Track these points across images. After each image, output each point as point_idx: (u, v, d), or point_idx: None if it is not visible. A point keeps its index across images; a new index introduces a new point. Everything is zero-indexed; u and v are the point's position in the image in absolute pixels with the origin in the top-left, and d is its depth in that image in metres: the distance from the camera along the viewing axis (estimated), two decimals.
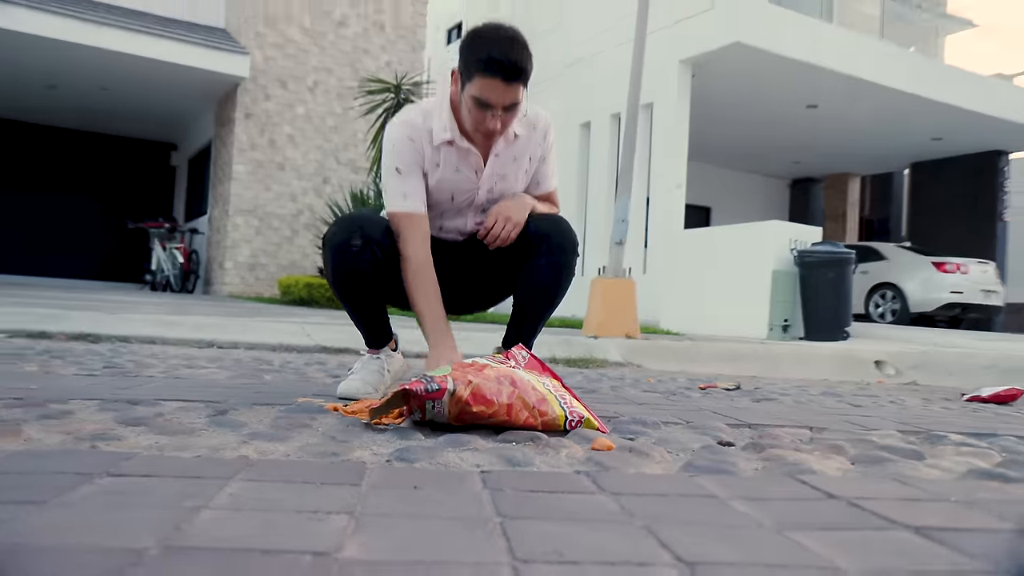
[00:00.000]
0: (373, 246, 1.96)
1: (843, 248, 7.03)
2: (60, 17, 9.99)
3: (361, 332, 2.19)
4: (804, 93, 10.75)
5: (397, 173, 2.03)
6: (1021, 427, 2.20)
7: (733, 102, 11.21)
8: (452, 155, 2.05)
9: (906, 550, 0.87)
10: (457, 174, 2.07)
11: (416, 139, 2.03)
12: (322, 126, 12.17)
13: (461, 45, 1.91)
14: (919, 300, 11.89)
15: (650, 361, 4.26)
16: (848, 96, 10.74)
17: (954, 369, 4.68)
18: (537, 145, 2.16)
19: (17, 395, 1.74)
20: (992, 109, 11.31)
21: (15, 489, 0.95)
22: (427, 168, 2.06)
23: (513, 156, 2.12)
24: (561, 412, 1.55)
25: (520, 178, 2.17)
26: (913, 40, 12.26)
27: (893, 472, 1.38)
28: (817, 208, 16.40)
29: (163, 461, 1.16)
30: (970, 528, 0.98)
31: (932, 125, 11.97)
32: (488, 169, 2.08)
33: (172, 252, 12.42)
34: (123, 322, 4.02)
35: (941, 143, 13.01)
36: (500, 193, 2.15)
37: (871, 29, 11.42)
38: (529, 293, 2.12)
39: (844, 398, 3.02)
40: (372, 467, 1.19)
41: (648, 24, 6.42)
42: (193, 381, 2.28)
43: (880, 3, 11.73)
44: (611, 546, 0.83)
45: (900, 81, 10.32)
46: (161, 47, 10.70)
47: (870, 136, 12.89)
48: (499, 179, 2.12)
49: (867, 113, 11.51)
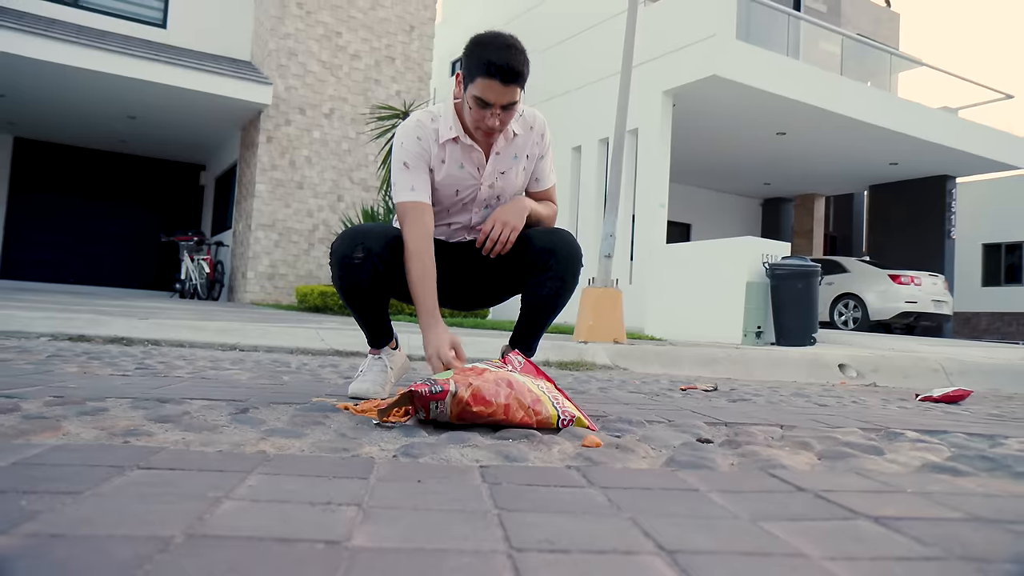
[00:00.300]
0: (373, 258, 1.95)
1: (810, 262, 7.04)
2: (130, 58, 10.35)
3: (364, 333, 2.19)
4: (774, 121, 10.78)
5: (405, 168, 2.03)
6: (968, 425, 2.20)
7: (711, 129, 11.24)
8: (456, 152, 2.05)
9: (866, 538, 0.87)
10: (461, 170, 2.06)
11: (423, 138, 2.04)
12: (337, 149, 12.18)
13: (465, 50, 1.92)
14: (878, 309, 11.92)
15: (635, 364, 4.25)
16: (814, 124, 10.78)
17: (909, 372, 4.68)
18: (535, 144, 2.15)
19: (58, 393, 1.73)
20: (940, 138, 11.36)
21: (53, 481, 0.94)
22: (433, 164, 2.05)
23: (513, 154, 2.11)
24: (554, 412, 1.54)
25: (519, 174, 2.15)
26: (870, 75, 12.30)
27: (855, 466, 1.37)
28: (786, 225, 16.44)
29: (189, 455, 1.16)
30: (923, 517, 0.98)
31: (888, 151, 12.01)
32: (489, 166, 2.08)
33: (200, 263, 12.40)
34: (154, 327, 4.01)
35: (897, 167, 13.05)
36: (501, 189, 2.13)
37: (833, 65, 11.45)
38: (537, 303, 2.09)
39: (811, 398, 3.01)
40: (380, 462, 1.19)
41: (634, 58, 6.45)
42: (217, 381, 2.27)
43: (840, 42, 11.76)
44: (599, 536, 0.83)
45: (859, 112, 10.36)
46: (195, 78, 10.77)
47: (833, 160, 12.93)
48: (500, 175, 2.11)
49: (830, 140, 11.55)
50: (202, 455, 1.17)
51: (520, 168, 2.14)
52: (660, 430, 1.69)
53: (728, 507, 0.99)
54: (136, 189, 15.13)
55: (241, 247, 11.97)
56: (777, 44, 10.56)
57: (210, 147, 14.49)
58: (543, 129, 2.17)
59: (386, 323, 2.19)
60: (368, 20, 12.33)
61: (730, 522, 0.92)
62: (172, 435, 1.33)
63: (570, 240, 2.08)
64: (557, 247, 2.04)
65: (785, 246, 7.48)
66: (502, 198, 2.14)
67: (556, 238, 2.06)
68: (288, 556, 0.70)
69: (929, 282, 11.87)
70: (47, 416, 1.42)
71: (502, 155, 2.09)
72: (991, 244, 18.61)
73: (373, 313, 2.11)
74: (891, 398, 3.35)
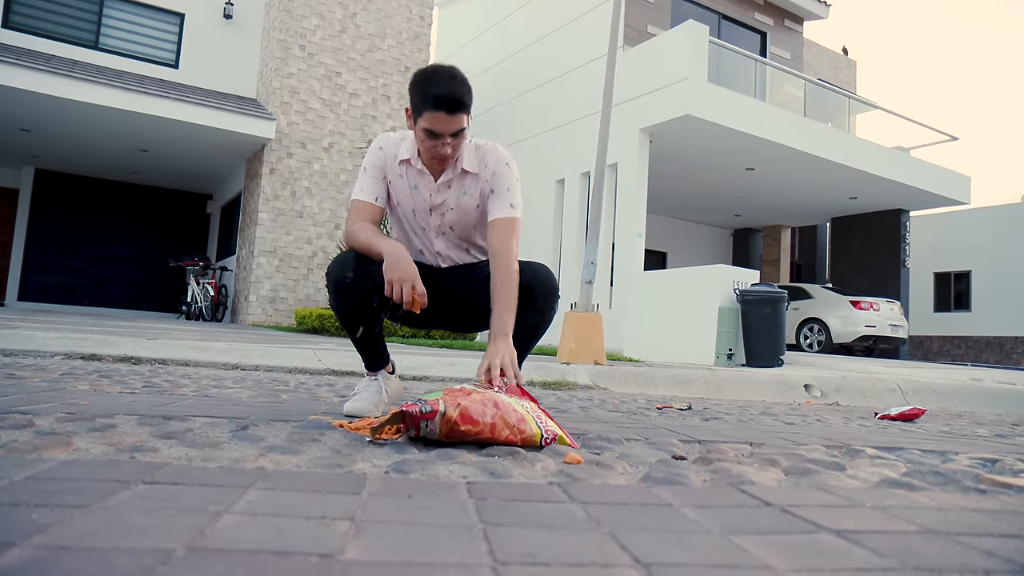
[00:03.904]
0: (365, 278, 1.95)
1: (777, 288, 7.09)
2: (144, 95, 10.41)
3: (361, 356, 2.17)
4: (744, 158, 10.92)
5: (364, 171, 2.08)
6: (922, 441, 2.21)
7: (685, 164, 11.36)
8: (411, 174, 2.05)
9: (828, 550, 0.87)
10: (414, 191, 2.06)
11: (385, 149, 2.07)
12: (335, 180, 12.19)
13: (410, 86, 1.91)
14: (840, 332, 12.01)
15: (614, 384, 4.24)
16: (780, 161, 10.93)
17: (868, 391, 4.71)
18: (485, 181, 2.06)
19: (70, 410, 1.71)
20: (894, 175, 11.54)
21: (63, 494, 0.93)
22: (391, 178, 2.08)
23: (464, 190, 2.05)
24: (538, 430, 1.54)
25: (472, 211, 2.08)
26: (830, 117, 12.51)
27: (819, 482, 1.37)
28: (755, 254, 16.58)
29: (191, 471, 1.14)
30: (881, 531, 0.98)
31: (848, 186, 12.18)
32: (437, 196, 2.05)
33: (205, 286, 12.32)
34: (161, 347, 3.97)
35: (856, 201, 13.23)
36: (453, 221, 2.08)
37: (797, 107, 11.64)
38: (520, 332, 2.06)
39: (779, 417, 3.02)
40: (372, 478, 1.18)
41: (613, 98, 6.52)
42: (220, 399, 2.25)
43: (803, 86, 11.96)
44: (579, 549, 0.82)
45: (821, 150, 10.51)
46: (204, 114, 10.82)
47: (798, 194, 13.09)
48: (450, 210, 2.06)
49: (795, 175, 11.70)
50: (204, 470, 1.15)
51: (473, 205, 2.07)
52: (637, 447, 1.69)
53: (700, 521, 0.99)
54: (146, 217, 15.08)
55: (244, 272, 11.92)
56: (745, 87, 10.73)
57: (216, 178, 14.48)
58: (498, 165, 2.06)
59: (381, 345, 2.17)
60: (366, 61, 12.43)
61: (702, 536, 0.91)
62: (176, 451, 1.32)
63: (549, 277, 2.10)
64: (538, 284, 2.05)
65: (754, 274, 7.54)
66: (455, 230, 2.10)
67: (538, 276, 2.06)
68: (284, 569, 0.69)
69: (886, 308, 11.99)
70: (59, 432, 1.40)
71: (452, 188, 2.05)
72: (941, 273, 18.83)
73: (367, 333, 2.08)
74: (852, 416, 3.37)
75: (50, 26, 11.44)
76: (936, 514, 1.11)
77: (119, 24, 11.97)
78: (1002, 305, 17.53)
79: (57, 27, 11.49)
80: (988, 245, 17.87)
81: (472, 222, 2.11)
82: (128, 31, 12.02)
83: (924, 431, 2.72)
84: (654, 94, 9.46)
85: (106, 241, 14.53)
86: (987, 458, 1.82)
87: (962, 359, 18.01)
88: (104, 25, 11.84)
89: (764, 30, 12.84)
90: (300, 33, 12.01)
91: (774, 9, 12.89)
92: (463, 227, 2.11)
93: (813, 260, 16.87)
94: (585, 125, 10.37)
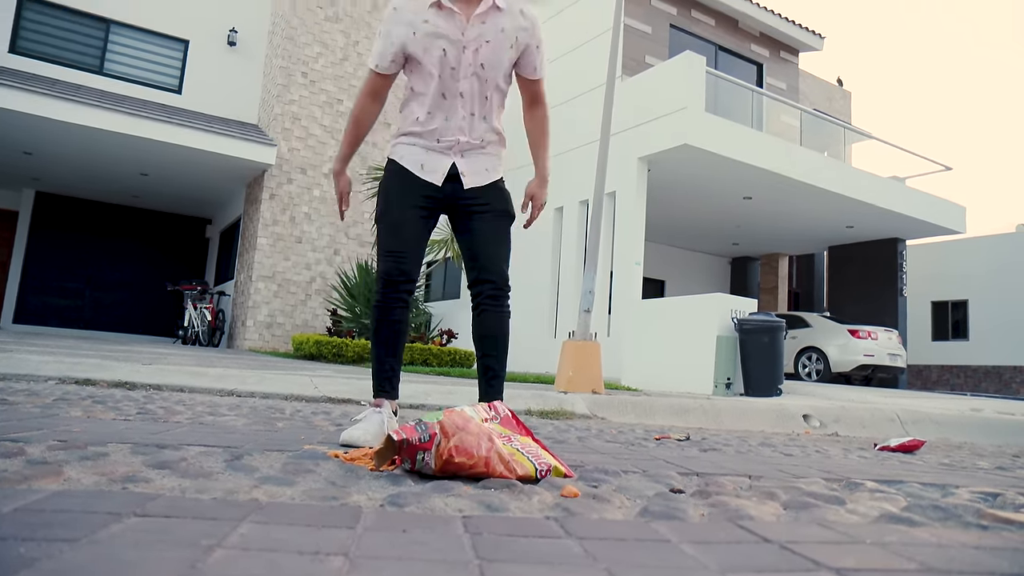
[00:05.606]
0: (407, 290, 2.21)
1: (775, 317, 7.09)
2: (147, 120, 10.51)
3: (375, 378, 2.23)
4: (741, 187, 10.99)
5: (377, 36, 2.20)
6: (922, 474, 2.20)
7: (683, 192, 11.43)
8: (439, 18, 2.12)
9: None
10: (443, 31, 2.12)
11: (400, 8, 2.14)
12: (335, 206, 12.25)
13: None
14: (838, 361, 11.98)
15: (612, 414, 4.22)
16: (777, 190, 11.00)
17: (867, 422, 4.69)
18: (523, 29, 2.18)
19: (62, 438, 1.69)
20: (890, 204, 11.62)
21: (52, 527, 0.92)
22: (418, 29, 2.12)
23: (500, 27, 2.14)
24: (531, 466, 1.52)
25: (506, 49, 2.17)
26: (826, 146, 12.62)
27: (818, 517, 1.36)
28: (753, 282, 16.61)
29: (184, 503, 1.13)
30: (881, 568, 0.97)
31: (844, 215, 12.25)
32: (472, 31, 2.13)
33: (202, 311, 12.31)
34: (157, 372, 3.95)
35: (853, 230, 13.29)
36: (485, 58, 2.15)
37: (793, 137, 11.75)
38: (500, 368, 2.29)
39: (777, 448, 3.00)
40: (367, 511, 1.16)
41: (612, 127, 6.58)
42: (214, 427, 2.23)
43: (799, 116, 12.09)
44: None
45: (818, 179, 10.60)
46: (206, 139, 10.92)
47: (795, 223, 13.16)
48: (484, 43, 2.14)
49: (792, 204, 11.77)
50: (196, 502, 1.14)
51: (507, 43, 2.17)
52: (635, 480, 1.68)
53: (698, 558, 0.98)
54: (145, 240, 15.10)
55: (242, 297, 11.91)
56: (742, 117, 10.84)
57: (216, 202, 14.54)
58: (534, 20, 2.20)
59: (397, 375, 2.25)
60: None
61: (700, 573, 0.90)
62: (169, 481, 1.30)
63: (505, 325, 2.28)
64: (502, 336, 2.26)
65: (752, 302, 7.54)
66: (487, 67, 2.17)
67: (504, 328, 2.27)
68: None
69: (885, 337, 11.98)
70: (50, 461, 1.39)
71: (487, 24, 2.14)
72: (939, 302, 18.88)
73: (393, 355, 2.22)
74: (851, 447, 3.35)
75: (56, 51, 11.58)
76: (937, 551, 1.10)
77: (124, 50, 12.12)
78: (1000, 334, 17.54)
79: (63, 52, 11.63)
80: (984, 274, 17.94)
81: (504, 61, 2.18)
82: (133, 57, 12.17)
83: (924, 463, 2.71)
84: (652, 123, 9.55)
85: (104, 264, 14.54)
86: (988, 492, 1.80)
87: (961, 388, 17.96)
88: (109, 51, 11.99)
89: (760, 61, 13.01)
90: (302, 60, 12.16)
91: (770, 41, 13.08)
92: (493, 65, 2.17)
93: (811, 288, 16.90)
94: (584, 153, 10.45)
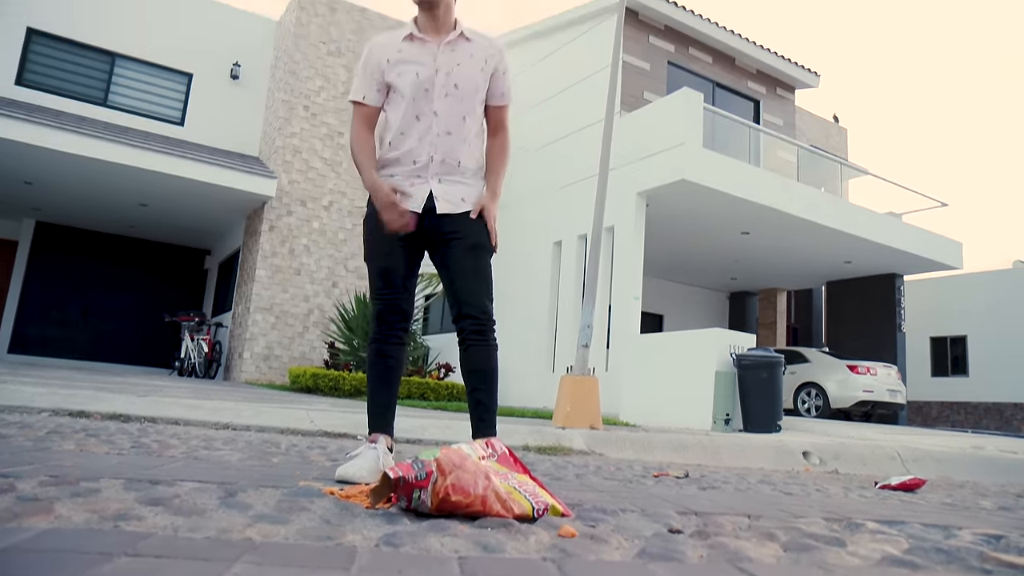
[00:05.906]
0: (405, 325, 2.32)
1: (774, 352, 7.08)
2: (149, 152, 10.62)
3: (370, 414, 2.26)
4: (739, 222, 11.06)
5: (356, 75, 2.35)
6: (924, 514, 2.17)
7: (681, 227, 11.49)
8: (412, 47, 2.28)
9: None
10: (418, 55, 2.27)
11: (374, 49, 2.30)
12: (334, 239, 12.31)
13: None
14: (838, 397, 11.93)
15: (610, 450, 4.18)
16: (774, 225, 11.07)
17: (867, 459, 4.65)
18: (492, 56, 2.33)
19: (54, 472, 1.68)
20: (887, 240, 11.68)
21: (41, 568, 0.90)
22: (391, 57, 2.27)
23: (469, 53, 2.30)
24: (528, 505, 1.51)
25: (477, 72, 2.31)
26: (823, 182, 12.75)
27: (818, 559, 1.34)
28: (752, 317, 16.61)
29: (176, 542, 1.12)
30: None
31: (842, 251, 12.31)
32: (443, 56, 2.27)
33: (199, 342, 12.26)
34: (152, 404, 3.92)
35: (851, 265, 13.35)
36: (458, 78, 2.27)
37: (790, 172, 11.86)
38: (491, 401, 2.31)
39: (777, 486, 2.97)
40: (362, 551, 1.15)
41: (610, 162, 6.65)
42: (209, 462, 2.21)
43: (796, 151, 12.23)
44: None
45: (815, 215, 10.67)
46: (207, 171, 11.01)
47: (793, 258, 13.22)
48: (456, 67, 2.27)
49: (790, 239, 11.84)
50: (189, 541, 1.13)
51: (477, 69, 2.31)
52: (633, 519, 1.66)
53: None
54: (143, 271, 15.11)
55: (239, 328, 11.89)
56: (740, 152, 10.96)
57: (215, 234, 14.59)
58: (501, 49, 2.36)
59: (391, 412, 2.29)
60: None
61: None
62: (162, 519, 1.28)
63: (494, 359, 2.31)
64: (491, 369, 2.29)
65: (751, 337, 7.53)
66: (460, 87, 2.27)
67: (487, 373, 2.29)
68: None
69: (884, 372, 11.95)
70: (40, 498, 1.37)
71: (457, 52, 2.29)
72: (937, 337, 18.87)
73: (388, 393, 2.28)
74: (852, 486, 3.32)
75: (61, 84, 11.75)
76: None
77: (129, 83, 12.29)
78: (1000, 370, 17.50)
79: (68, 85, 11.79)
80: (983, 310, 17.97)
81: (476, 83, 2.31)
82: (137, 89, 12.34)
83: (926, 502, 2.68)
84: (650, 159, 9.65)
85: (102, 294, 14.52)
86: (992, 534, 1.78)
87: (962, 425, 17.86)
88: (114, 83, 12.16)
89: (757, 98, 13.20)
90: (304, 94, 12.32)
91: (766, 78, 13.29)
92: (467, 87, 2.29)
93: (809, 324, 16.90)
94: (582, 188, 10.53)
